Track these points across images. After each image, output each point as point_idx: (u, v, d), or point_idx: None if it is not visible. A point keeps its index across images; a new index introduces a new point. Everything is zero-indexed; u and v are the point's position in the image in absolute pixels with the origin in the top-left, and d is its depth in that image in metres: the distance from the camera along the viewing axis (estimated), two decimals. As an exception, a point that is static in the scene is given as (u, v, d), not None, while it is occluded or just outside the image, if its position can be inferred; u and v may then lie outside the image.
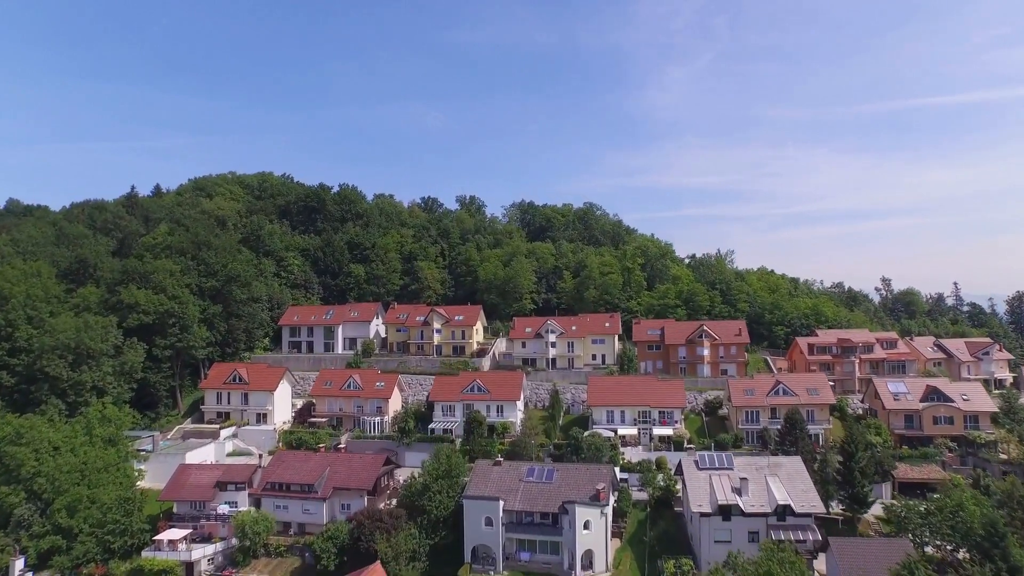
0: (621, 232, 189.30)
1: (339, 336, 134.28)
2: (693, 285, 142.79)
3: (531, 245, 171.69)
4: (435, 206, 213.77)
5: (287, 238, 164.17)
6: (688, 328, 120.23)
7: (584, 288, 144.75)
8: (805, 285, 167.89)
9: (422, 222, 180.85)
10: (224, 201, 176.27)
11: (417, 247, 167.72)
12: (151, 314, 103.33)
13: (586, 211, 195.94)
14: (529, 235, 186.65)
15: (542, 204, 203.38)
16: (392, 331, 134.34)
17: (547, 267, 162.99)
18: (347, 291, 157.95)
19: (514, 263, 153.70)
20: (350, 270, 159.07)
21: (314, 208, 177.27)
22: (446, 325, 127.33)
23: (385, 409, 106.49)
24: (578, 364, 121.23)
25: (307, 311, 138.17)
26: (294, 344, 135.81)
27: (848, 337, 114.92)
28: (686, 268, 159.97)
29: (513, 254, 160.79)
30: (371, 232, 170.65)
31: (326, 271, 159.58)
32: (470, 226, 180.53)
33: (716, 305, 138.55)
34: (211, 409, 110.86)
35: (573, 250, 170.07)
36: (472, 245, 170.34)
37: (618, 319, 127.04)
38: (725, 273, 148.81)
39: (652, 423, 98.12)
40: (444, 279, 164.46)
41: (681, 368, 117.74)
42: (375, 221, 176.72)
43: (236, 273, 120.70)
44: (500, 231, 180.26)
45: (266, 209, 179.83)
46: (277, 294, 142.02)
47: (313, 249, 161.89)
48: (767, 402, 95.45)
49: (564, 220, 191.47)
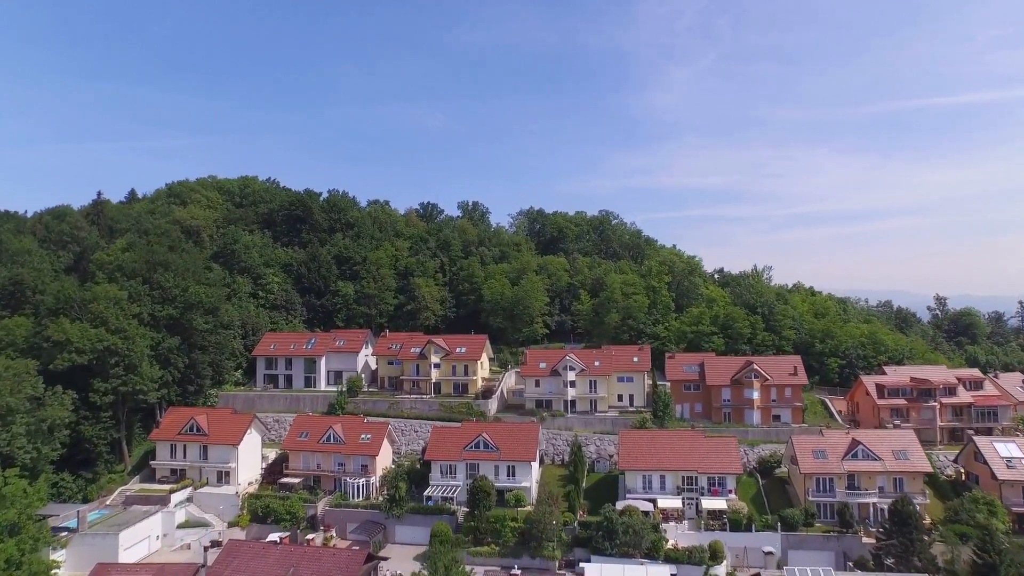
0: (640, 243, 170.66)
1: (322, 369, 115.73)
2: (730, 309, 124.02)
3: (542, 259, 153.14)
4: (434, 213, 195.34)
5: (267, 251, 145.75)
6: (732, 365, 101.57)
7: (604, 311, 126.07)
8: (854, 306, 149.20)
9: (420, 232, 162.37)
10: (199, 209, 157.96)
11: (414, 262, 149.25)
12: (86, 353, 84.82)
13: (601, 220, 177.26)
14: (539, 247, 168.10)
15: (552, 211, 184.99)
16: (383, 364, 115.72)
17: (560, 285, 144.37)
18: (334, 312, 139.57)
19: (523, 281, 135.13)
20: (337, 288, 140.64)
21: (299, 217, 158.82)
22: (446, 359, 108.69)
23: (372, 468, 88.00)
24: (601, 407, 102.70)
25: (286, 339, 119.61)
26: (270, 377, 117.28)
27: (925, 377, 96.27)
28: (718, 287, 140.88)
29: (522, 270, 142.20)
30: (362, 244, 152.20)
31: (310, 289, 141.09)
32: (473, 237, 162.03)
33: (758, 333, 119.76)
34: (163, 465, 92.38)
35: (589, 265, 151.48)
36: (475, 259, 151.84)
37: (648, 353, 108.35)
38: (765, 294, 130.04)
39: (700, 492, 79.55)
40: (444, 298, 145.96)
41: (725, 414, 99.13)
42: (367, 232, 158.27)
43: (197, 299, 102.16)
44: (506, 242, 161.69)
45: (246, 218, 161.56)
46: (252, 318, 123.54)
47: (296, 264, 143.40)
48: (844, 467, 76.85)
49: (578, 230, 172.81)
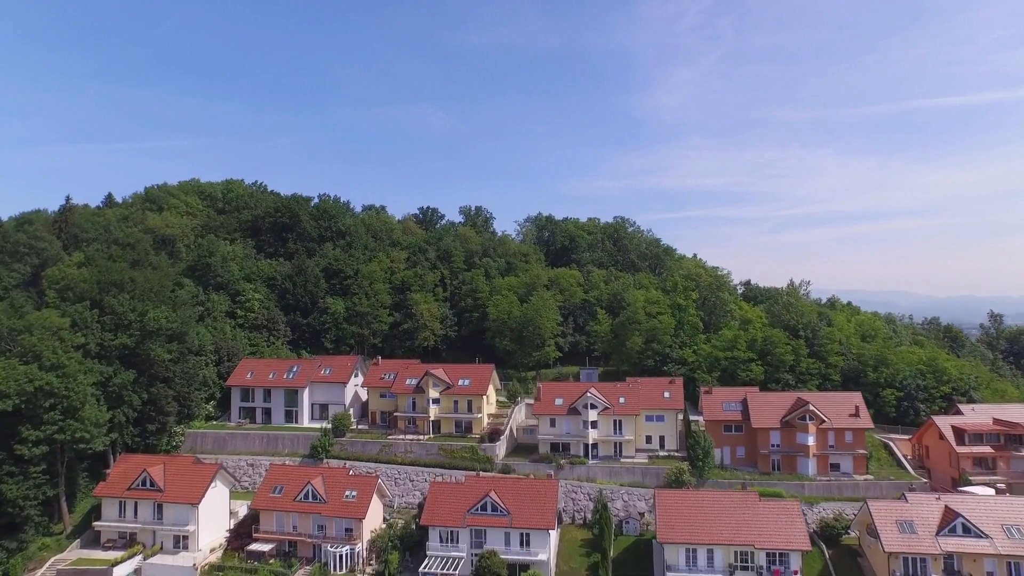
0: (659, 253, 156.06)
1: (305, 402, 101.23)
2: (769, 331, 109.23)
3: (552, 272, 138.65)
4: (434, 218, 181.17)
5: (249, 263, 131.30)
6: (781, 403, 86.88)
7: (625, 333, 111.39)
8: (902, 325, 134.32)
9: (418, 241, 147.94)
10: (175, 216, 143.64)
11: (411, 275, 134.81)
12: (11, 397, 70.48)
13: (616, 227, 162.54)
14: (548, 257, 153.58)
15: (563, 218, 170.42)
16: (375, 396, 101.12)
17: (574, 301, 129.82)
18: (322, 332, 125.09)
19: (534, 298, 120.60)
20: (326, 305, 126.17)
21: (286, 225, 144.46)
22: (446, 393, 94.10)
23: (358, 532, 73.49)
24: (628, 451, 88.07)
25: (265, 367, 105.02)
26: (246, 411, 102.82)
27: (1016, 420, 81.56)
28: (751, 305, 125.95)
29: (532, 285, 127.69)
30: (354, 255, 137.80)
31: (296, 306, 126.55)
32: (476, 246, 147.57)
33: (802, 360, 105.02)
34: (110, 527, 77.85)
35: (605, 278, 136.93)
36: (479, 272, 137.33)
37: (680, 387, 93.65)
38: (806, 313, 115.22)
39: (758, 572, 64.99)
40: (444, 316, 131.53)
41: (774, 462, 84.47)
42: (360, 241, 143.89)
43: (157, 324, 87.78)
44: (513, 252, 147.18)
45: (228, 226, 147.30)
46: (229, 342, 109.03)
47: (281, 278, 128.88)
48: (939, 546, 62.25)
49: (591, 239, 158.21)
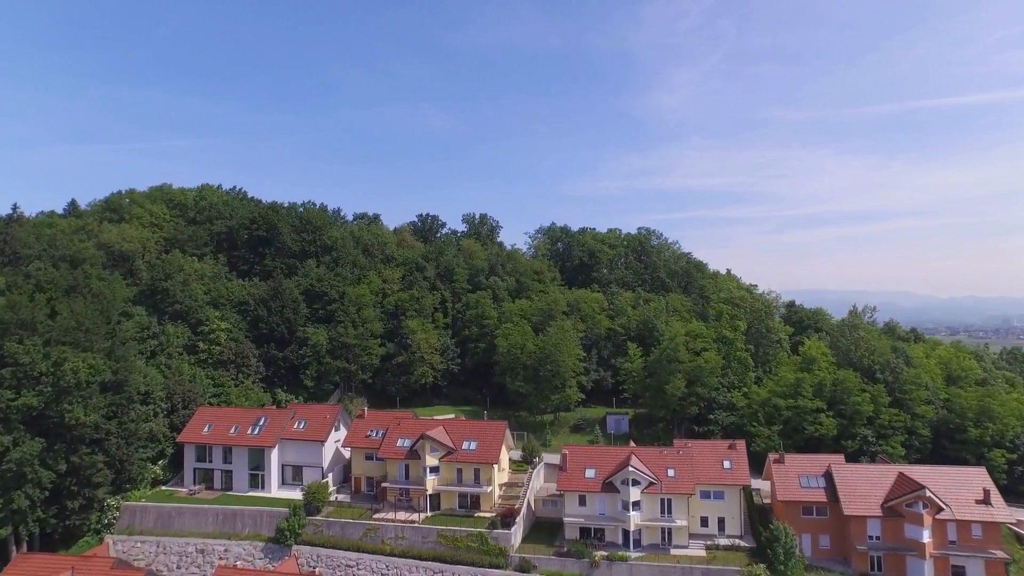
0: (690, 270, 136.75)
1: (273, 464, 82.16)
2: (839, 373, 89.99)
3: (572, 294, 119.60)
4: (434, 226, 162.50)
5: (218, 286, 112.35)
6: (879, 480, 67.53)
7: (663, 373, 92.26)
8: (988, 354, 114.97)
9: (415, 256, 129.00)
10: (135, 228, 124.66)
11: (407, 297, 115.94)
12: None
13: (641, 240, 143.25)
14: (565, 274, 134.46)
15: (579, 228, 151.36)
16: (359, 459, 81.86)
17: (598, 330, 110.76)
18: (300, 368, 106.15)
19: (551, 329, 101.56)
20: (306, 336, 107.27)
21: (263, 238, 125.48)
22: (448, 460, 74.93)
23: (326, 673, 54.53)
24: (678, 538, 68.82)
25: (226, 417, 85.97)
26: (203, 474, 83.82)
27: None
28: (813, 339, 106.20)
29: (548, 312, 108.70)
30: (341, 274, 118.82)
31: (271, 337, 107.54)
32: (482, 262, 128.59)
33: (882, 410, 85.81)
34: (1, 655, 59.16)
35: (633, 302, 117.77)
36: (486, 294, 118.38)
37: (743, 454, 74.06)
38: (879, 349, 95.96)
39: None
40: (445, 346, 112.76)
41: (874, 559, 65.18)
42: (348, 257, 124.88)
43: (76, 379, 68.86)
44: (524, 270, 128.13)
45: (198, 239, 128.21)
46: (185, 385, 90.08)
47: (254, 303, 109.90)
48: None
49: (612, 253, 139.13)
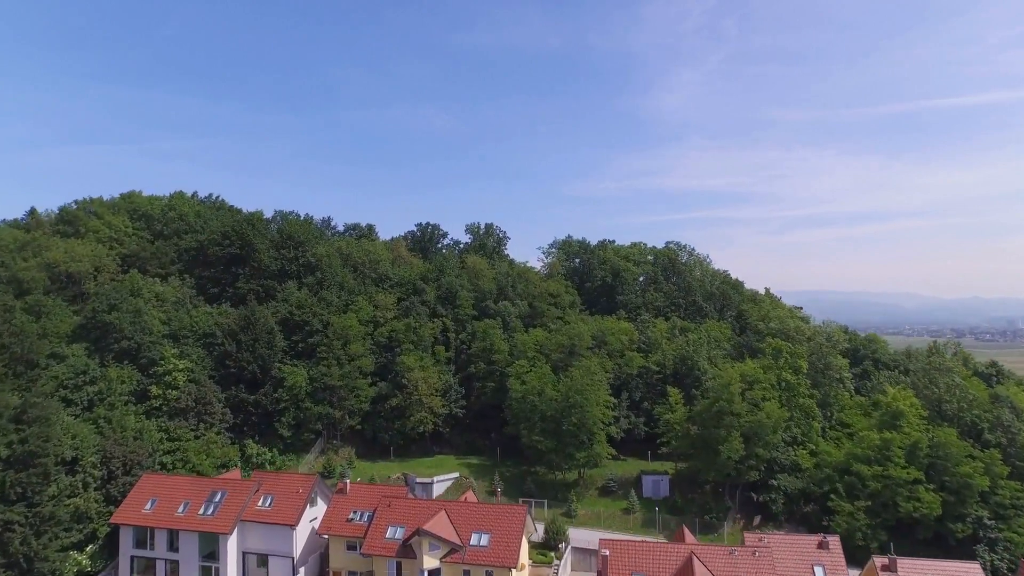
0: (728, 291, 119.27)
1: (230, 554, 64.96)
2: (936, 432, 72.58)
3: (596, 322, 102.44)
4: (435, 237, 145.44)
5: (180, 315, 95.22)
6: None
7: (715, 427, 75.09)
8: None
9: (413, 277, 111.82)
10: (88, 245, 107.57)
11: (402, 327, 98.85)
12: None
13: (671, 256, 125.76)
14: (584, 296, 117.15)
15: (598, 242, 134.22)
16: (338, 549, 64.49)
17: (629, 369, 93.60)
18: (275, 414, 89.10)
19: (575, 371, 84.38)
20: (282, 375, 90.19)
21: (236, 256, 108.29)
22: (451, 561, 57.59)
23: None
24: (760, 676, 51.51)
25: (174, 490, 68.51)
26: (143, 563, 66.66)
27: None
28: (897, 388, 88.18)
29: (571, 348, 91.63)
30: (326, 299, 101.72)
31: (240, 376, 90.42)
32: (489, 282, 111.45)
33: (998, 482, 68.43)
34: None
35: (668, 332, 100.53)
36: (495, 323, 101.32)
37: (840, 552, 56.64)
38: (979, 401, 78.44)
39: None
40: (448, 386, 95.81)
41: None
42: (334, 278, 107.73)
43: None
44: (540, 293, 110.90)
45: (163, 256, 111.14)
46: (127, 445, 72.85)
47: (222, 335, 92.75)
48: None
49: (639, 272, 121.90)
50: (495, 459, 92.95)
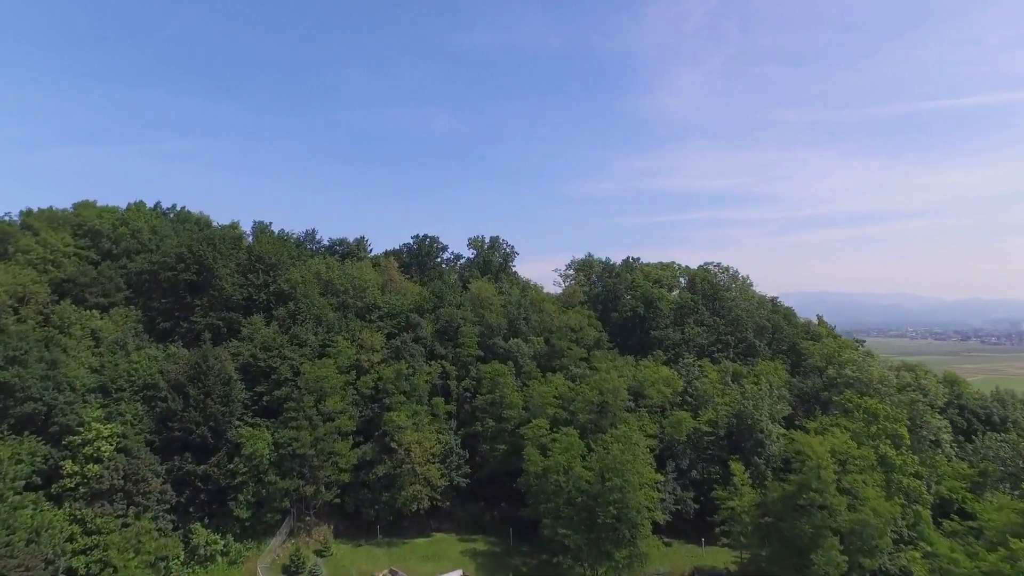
0: (779, 320, 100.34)
1: None
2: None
3: (630, 367, 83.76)
4: (432, 252, 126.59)
5: (116, 359, 76.57)
6: None
7: (801, 524, 56.68)
8: None
9: (405, 307, 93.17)
10: (15, 269, 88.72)
11: (391, 374, 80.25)
12: None
13: (709, 280, 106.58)
14: (612, 331, 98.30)
15: (623, 261, 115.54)
16: None
17: (676, 433, 74.87)
18: (230, 490, 70.40)
19: (610, 441, 65.73)
20: (240, 439, 71.60)
21: (193, 283, 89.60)
22: None
23: None
24: None
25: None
26: None
27: None
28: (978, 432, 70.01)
29: (602, 405, 72.95)
30: (299, 339, 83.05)
31: (186, 442, 71.76)
32: (498, 316, 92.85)
33: None
34: None
35: (719, 381, 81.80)
36: (505, 368, 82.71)
37: None
38: None
39: None
40: (448, 448, 77.31)
41: None
42: (311, 309, 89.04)
43: None
44: (556, 326, 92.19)
45: (105, 283, 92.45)
46: (17, 556, 54.27)
47: (166, 387, 74.07)
48: None
49: (676, 301, 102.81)
50: (507, 542, 74.50)
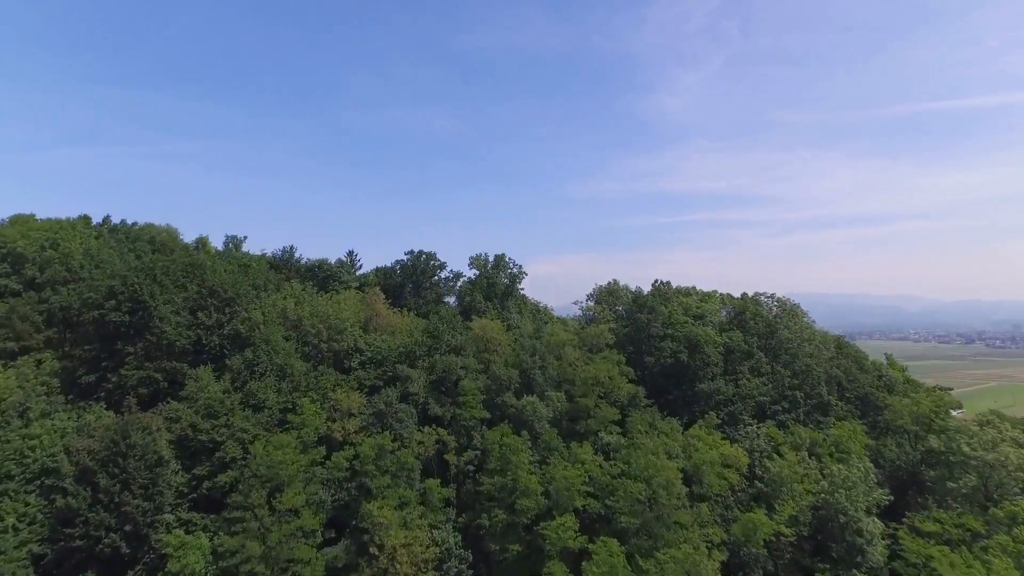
0: (851, 367, 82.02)
1: None
2: None
3: (674, 434, 65.57)
4: (428, 272, 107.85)
5: (9, 434, 58.23)
6: None
7: None
8: None
9: (392, 353, 74.78)
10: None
11: (371, 451, 62.01)
12: None
13: (762, 314, 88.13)
14: (651, 389, 79.74)
15: (652, 287, 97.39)
16: None
17: (752, 544, 56.68)
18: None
19: (666, 565, 47.62)
20: (165, 545, 53.31)
21: (125, 326, 70.94)
22: None
23: None
24: None
25: None
26: None
27: None
28: None
29: (650, 500, 54.85)
30: (256, 398, 64.70)
31: (92, 552, 53.51)
32: (509, 366, 74.51)
33: None
34: None
35: (802, 469, 63.51)
36: (520, 440, 64.46)
37: None
38: None
39: None
40: (445, 551, 59.16)
41: None
42: (272, 359, 70.51)
43: None
44: (579, 376, 73.91)
45: (18, 323, 73.95)
46: None
47: (74, 472, 55.69)
48: None
49: (724, 344, 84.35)
50: None
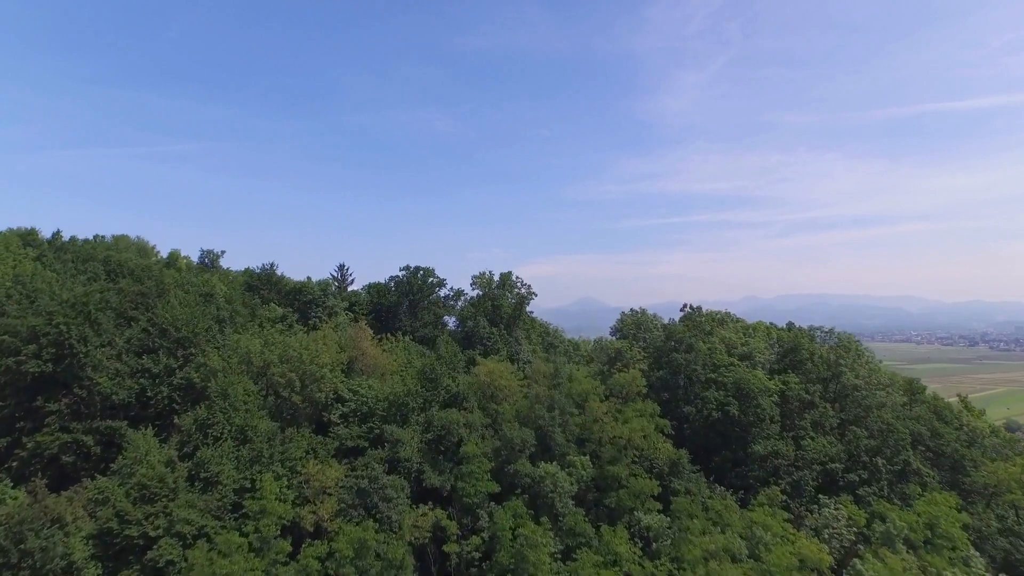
0: (933, 421, 68.29)
1: None
2: None
3: (729, 512, 51.95)
4: (425, 290, 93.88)
5: None
6: None
7: None
8: None
9: (379, 404, 61.14)
10: None
11: (346, 553, 48.25)
12: None
13: (819, 356, 74.10)
14: (693, 450, 66.03)
15: (683, 315, 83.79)
16: None
17: None
18: None
19: None
20: None
21: (51, 377, 57.25)
22: None
23: None
24: None
25: None
26: None
27: None
28: None
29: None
30: (207, 470, 51.06)
31: None
32: (522, 430, 60.92)
33: None
34: None
35: (902, 562, 49.83)
36: (538, 534, 50.80)
37: None
38: None
39: None
40: None
41: None
42: (230, 419, 56.84)
43: None
44: (609, 437, 60.34)
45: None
46: None
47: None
48: None
49: (777, 389, 70.60)
50: None
